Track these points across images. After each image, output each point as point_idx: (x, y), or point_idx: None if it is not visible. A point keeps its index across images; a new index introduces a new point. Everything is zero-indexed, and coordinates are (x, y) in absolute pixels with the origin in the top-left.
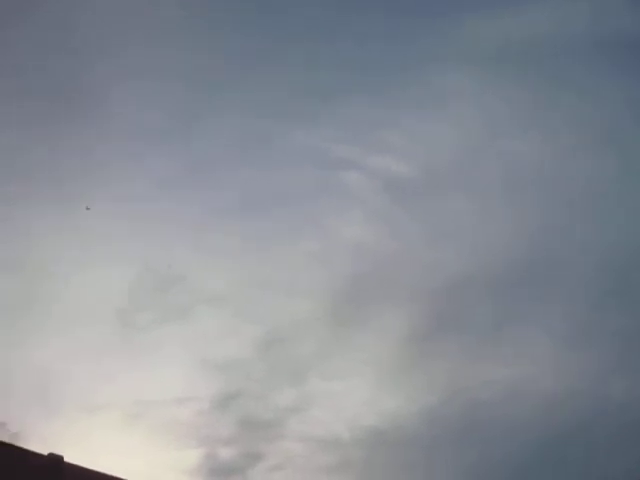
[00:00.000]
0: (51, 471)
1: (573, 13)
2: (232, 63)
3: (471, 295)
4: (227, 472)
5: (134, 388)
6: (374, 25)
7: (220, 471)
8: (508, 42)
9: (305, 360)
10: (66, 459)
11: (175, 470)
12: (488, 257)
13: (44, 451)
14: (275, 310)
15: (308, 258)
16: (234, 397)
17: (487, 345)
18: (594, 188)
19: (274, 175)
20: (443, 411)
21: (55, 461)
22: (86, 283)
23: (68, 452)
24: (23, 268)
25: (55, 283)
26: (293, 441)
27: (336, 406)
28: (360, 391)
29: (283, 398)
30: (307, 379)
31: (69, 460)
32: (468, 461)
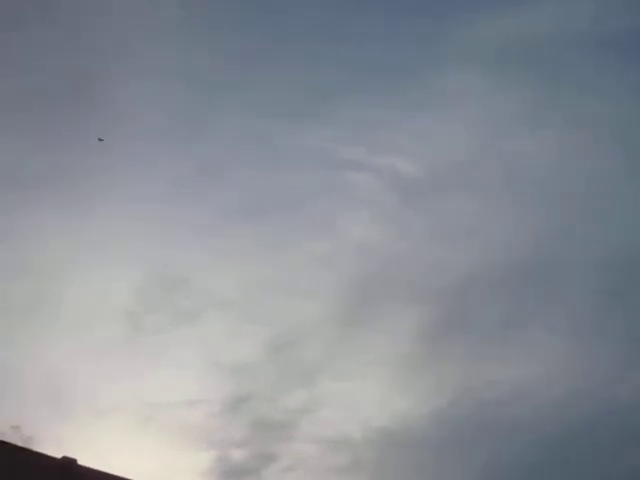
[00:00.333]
0: (64, 474)
1: (575, 11)
2: (237, 64)
3: (478, 295)
4: (240, 474)
5: (145, 391)
6: (378, 25)
7: (233, 473)
8: (511, 42)
9: (315, 361)
10: (79, 462)
11: (188, 472)
12: (495, 257)
13: (58, 454)
14: (284, 312)
15: (316, 259)
16: (245, 399)
17: (495, 345)
18: (600, 187)
19: (281, 176)
20: (452, 412)
21: (68, 464)
22: (96, 285)
23: (81, 455)
24: (33, 271)
25: (65, 286)
26: (304, 442)
27: (346, 407)
28: (370, 392)
29: (294, 400)
30: (317, 380)
31: (82, 463)
32: (477, 461)
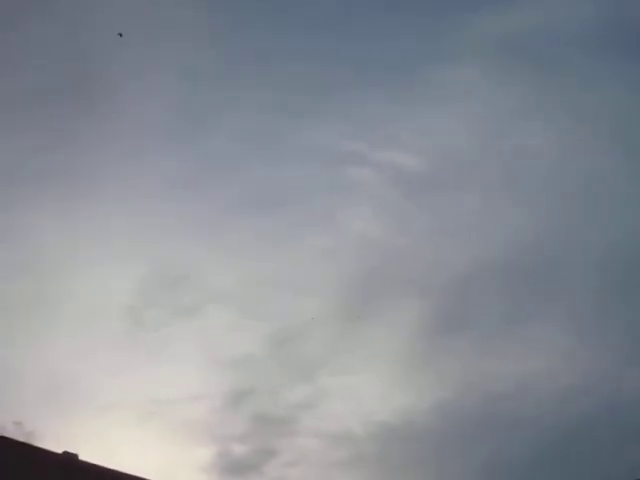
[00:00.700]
0: (66, 469)
1: (577, 7)
2: (238, 61)
3: (480, 290)
4: (241, 469)
5: (146, 386)
6: (380, 22)
7: (234, 468)
8: (513, 38)
9: (316, 356)
10: (81, 457)
11: (189, 467)
12: (496, 252)
13: (59, 449)
14: (285, 307)
15: (317, 254)
16: (246, 394)
17: (496, 341)
18: (601, 182)
19: (282, 172)
20: (454, 406)
21: (70, 459)
22: (97, 282)
23: (82, 450)
24: (34, 268)
25: (66, 282)
26: (306, 437)
27: (348, 402)
28: (372, 386)
29: (295, 394)
30: (318, 375)
31: (84, 458)
32: (479, 456)
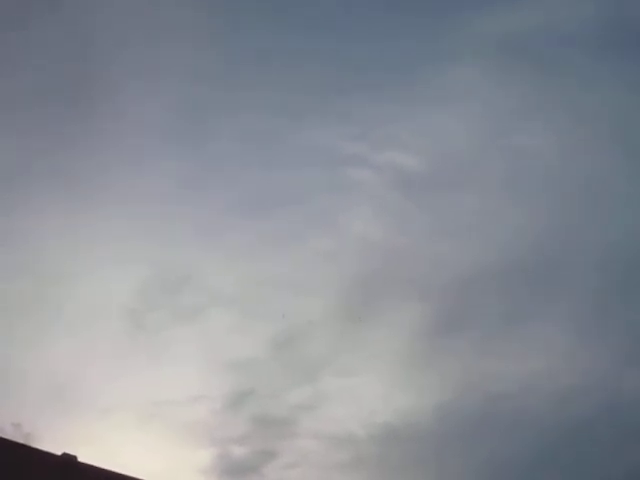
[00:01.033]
0: (65, 470)
1: (577, 6)
2: (239, 62)
3: (481, 290)
4: (241, 470)
5: (146, 388)
6: (381, 21)
7: (234, 470)
8: (512, 37)
9: (317, 358)
10: (80, 459)
11: (189, 469)
12: (498, 252)
13: (58, 451)
14: (286, 308)
15: (318, 256)
16: (247, 396)
17: (497, 341)
18: (603, 182)
19: (282, 173)
20: (455, 407)
21: (69, 461)
22: (97, 283)
23: (82, 452)
24: (34, 269)
25: (66, 284)
26: (307, 438)
27: (349, 403)
28: (373, 388)
29: (296, 396)
30: (320, 377)
31: (83, 460)
32: (480, 456)
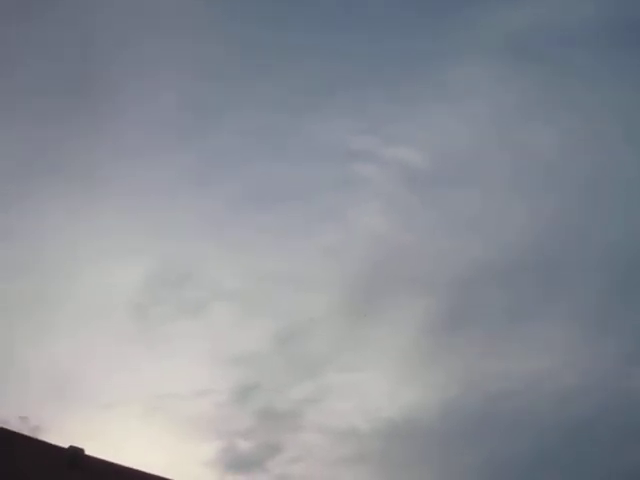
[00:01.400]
0: (72, 463)
1: (582, 4)
2: (244, 55)
3: (485, 288)
4: (246, 464)
5: (151, 382)
6: (387, 19)
7: (239, 463)
8: (517, 34)
9: (322, 353)
10: (86, 452)
11: (194, 463)
12: (501, 250)
13: (65, 444)
14: (291, 303)
15: (324, 251)
16: (252, 390)
17: (500, 338)
18: (606, 181)
19: (289, 168)
20: (458, 403)
21: (76, 453)
22: (101, 277)
23: (88, 445)
24: (38, 264)
25: (70, 278)
26: (311, 433)
27: (353, 398)
28: (377, 383)
29: (300, 391)
30: (324, 372)
31: (89, 453)
32: (483, 453)
